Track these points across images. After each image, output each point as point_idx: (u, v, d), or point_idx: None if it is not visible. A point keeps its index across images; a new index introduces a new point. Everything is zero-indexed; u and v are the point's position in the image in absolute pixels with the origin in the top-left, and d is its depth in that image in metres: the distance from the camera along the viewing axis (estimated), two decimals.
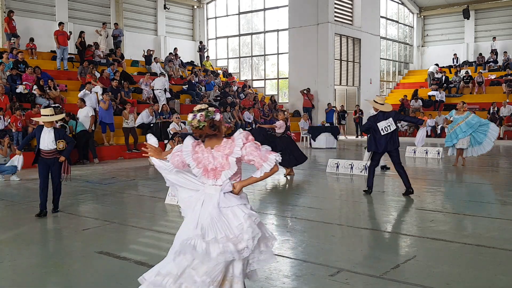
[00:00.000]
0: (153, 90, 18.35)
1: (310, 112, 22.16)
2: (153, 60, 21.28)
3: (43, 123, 6.64)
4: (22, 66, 15.77)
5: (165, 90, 18.32)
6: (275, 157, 3.03)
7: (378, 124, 7.84)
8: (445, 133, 12.45)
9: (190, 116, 3.13)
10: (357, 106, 23.79)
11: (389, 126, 7.84)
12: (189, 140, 3.18)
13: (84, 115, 13.19)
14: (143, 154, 3.43)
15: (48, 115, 6.61)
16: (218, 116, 3.10)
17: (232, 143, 3.07)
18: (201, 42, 26.29)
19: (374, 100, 8.11)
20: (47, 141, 6.60)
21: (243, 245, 2.94)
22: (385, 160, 11.28)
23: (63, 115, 6.76)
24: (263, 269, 4.42)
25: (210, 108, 3.12)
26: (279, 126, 10.42)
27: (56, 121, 12.44)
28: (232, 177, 3.08)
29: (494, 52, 26.71)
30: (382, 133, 7.79)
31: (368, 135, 8.34)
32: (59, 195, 6.91)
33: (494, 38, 26.81)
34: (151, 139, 3.50)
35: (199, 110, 3.09)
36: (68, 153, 6.82)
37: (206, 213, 3.03)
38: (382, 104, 7.99)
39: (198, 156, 3.10)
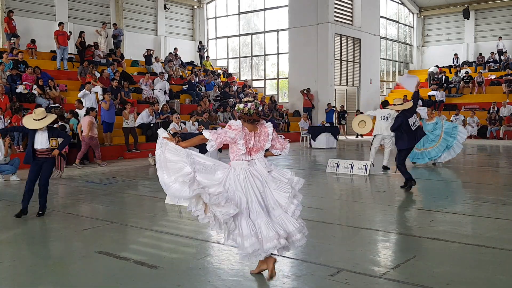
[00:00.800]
0: (153, 89, 18.38)
1: (310, 112, 22.15)
2: (154, 60, 21.32)
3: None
4: (22, 66, 15.78)
5: (165, 92, 18.26)
6: (289, 145, 4.28)
7: (409, 120, 8.25)
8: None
9: (241, 105, 4.02)
10: (357, 110, 23.79)
11: (416, 121, 8.38)
12: (240, 123, 4.01)
13: (83, 115, 13.19)
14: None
15: (36, 120, 6.43)
16: (261, 107, 4.09)
17: (266, 132, 4.12)
18: (200, 42, 26.29)
19: (393, 104, 8.64)
20: (41, 140, 6.51)
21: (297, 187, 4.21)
22: (389, 161, 11.31)
23: (53, 118, 6.57)
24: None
25: (256, 100, 4.07)
26: None
27: (56, 122, 12.48)
28: None
29: (500, 51, 26.41)
30: (413, 128, 8.25)
31: (395, 134, 8.59)
32: (46, 196, 6.70)
33: (500, 37, 26.59)
34: (164, 133, 4.06)
35: (248, 101, 4.02)
36: (62, 148, 6.69)
37: (256, 184, 4.00)
38: (402, 104, 8.47)
39: (245, 137, 4.01)
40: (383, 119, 11.13)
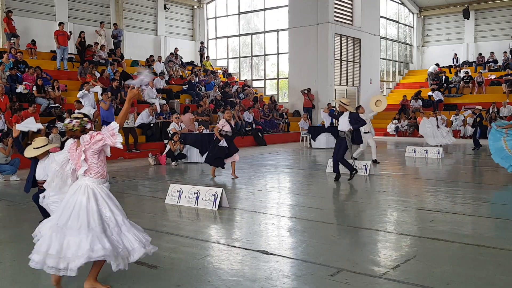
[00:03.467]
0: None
1: (310, 112, 22.16)
2: (156, 60, 21.34)
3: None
4: (22, 66, 15.78)
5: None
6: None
7: None
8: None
9: (67, 120, 3.97)
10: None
11: None
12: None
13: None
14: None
15: (38, 147, 5.82)
16: (89, 125, 3.97)
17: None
18: (202, 43, 26.30)
19: (344, 103, 9.49)
20: (41, 172, 5.96)
21: None
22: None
23: (54, 145, 6.11)
24: (263, 269, 4.43)
25: (84, 118, 3.96)
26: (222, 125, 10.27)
27: (53, 119, 12.42)
28: None
29: None
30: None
31: (352, 132, 9.62)
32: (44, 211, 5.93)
33: None
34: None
35: (76, 118, 3.93)
36: None
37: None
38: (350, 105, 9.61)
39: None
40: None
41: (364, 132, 11.93)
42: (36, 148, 5.85)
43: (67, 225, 3.80)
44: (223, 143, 10.03)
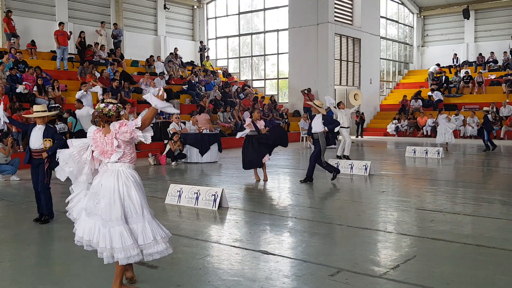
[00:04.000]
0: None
1: (310, 112, 22.10)
2: (156, 59, 21.33)
3: (35, 121, 6.30)
4: (22, 66, 15.78)
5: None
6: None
7: None
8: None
9: (102, 104, 3.85)
10: (358, 112, 23.76)
11: None
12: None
13: (85, 114, 13.15)
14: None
15: (39, 111, 6.23)
16: (122, 112, 3.97)
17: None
18: (201, 42, 26.30)
19: (317, 105, 9.45)
20: (35, 139, 6.22)
21: None
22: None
23: (55, 112, 6.46)
24: (263, 269, 4.43)
25: (119, 104, 3.93)
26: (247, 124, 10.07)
27: (53, 119, 12.47)
28: None
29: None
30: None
31: (327, 133, 9.56)
32: (45, 200, 6.31)
33: None
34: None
35: (111, 103, 3.86)
36: (52, 150, 6.12)
37: None
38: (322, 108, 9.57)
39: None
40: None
41: (341, 127, 12.44)
42: (39, 111, 6.23)
43: (127, 214, 3.78)
44: (251, 145, 9.82)
